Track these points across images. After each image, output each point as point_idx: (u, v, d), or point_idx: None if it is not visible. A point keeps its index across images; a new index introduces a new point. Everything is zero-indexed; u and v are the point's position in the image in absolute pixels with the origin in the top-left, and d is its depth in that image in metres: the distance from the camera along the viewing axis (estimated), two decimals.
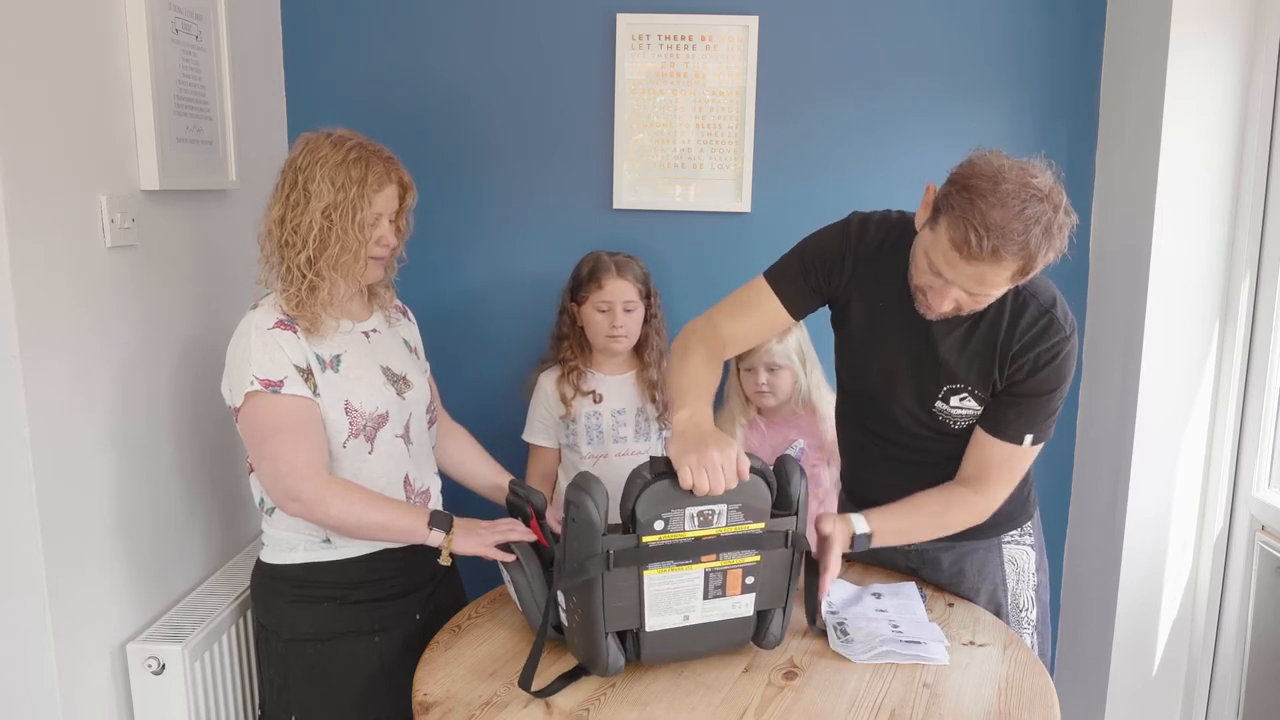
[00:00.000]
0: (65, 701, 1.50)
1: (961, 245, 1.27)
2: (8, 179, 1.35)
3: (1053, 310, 1.44)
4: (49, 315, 1.45)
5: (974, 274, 1.30)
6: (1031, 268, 1.29)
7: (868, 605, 1.57)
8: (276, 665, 1.59)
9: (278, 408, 1.44)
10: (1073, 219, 1.30)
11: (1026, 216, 1.25)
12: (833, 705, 1.30)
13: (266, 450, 1.45)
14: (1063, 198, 1.30)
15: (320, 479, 1.45)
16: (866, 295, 1.54)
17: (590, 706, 1.29)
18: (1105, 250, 2.25)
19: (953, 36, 2.23)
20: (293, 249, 1.48)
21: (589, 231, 2.31)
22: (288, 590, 1.57)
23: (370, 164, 1.49)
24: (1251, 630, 2.00)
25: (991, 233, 1.25)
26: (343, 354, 1.54)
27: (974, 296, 1.36)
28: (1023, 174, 1.28)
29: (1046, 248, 1.27)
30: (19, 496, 1.42)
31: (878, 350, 1.56)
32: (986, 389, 1.50)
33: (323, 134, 1.52)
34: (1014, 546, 1.65)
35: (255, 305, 1.52)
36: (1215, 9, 1.93)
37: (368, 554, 1.57)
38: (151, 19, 1.64)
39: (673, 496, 1.28)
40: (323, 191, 1.47)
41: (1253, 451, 2.02)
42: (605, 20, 2.25)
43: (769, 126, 2.28)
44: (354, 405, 1.52)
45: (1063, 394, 1.49)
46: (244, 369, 1.45)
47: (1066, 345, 1.45)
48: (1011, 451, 1.50)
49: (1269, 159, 1.96)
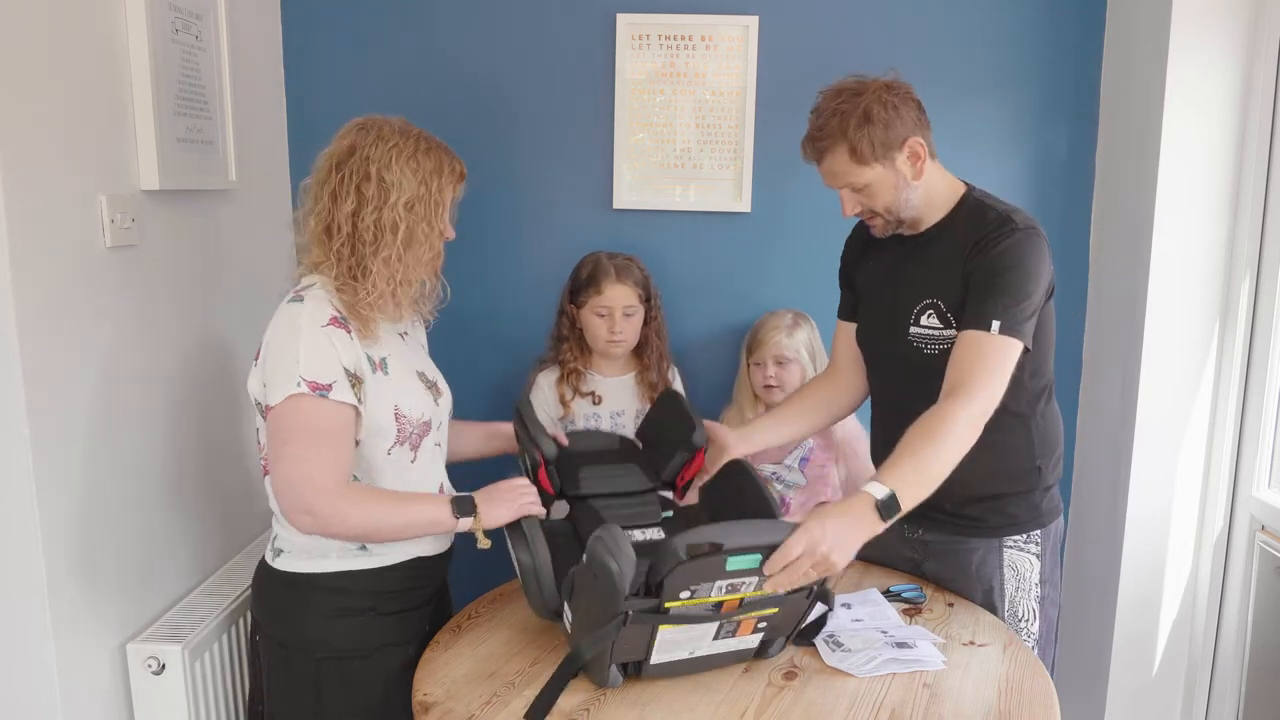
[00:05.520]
0: (65, 701, 1.50)
1: (804, 155, 1.56)
2: (8, 179, 1.35)
3: (1012, 214, 1.54)
4: (49, 315, 1.45)
5: (825, 171, 1.55)
6: (860, 148, 1.48)
7: (843, 618, 1.54)
8: (302, 684, 1.45)
9: (320, 413, 1.34)
10: (905, 94, 1.51)
11: (833, 111, 1.49)
12: (833, 705, 1.30)
13: (289, 452, 1.33)
14: (886, 86, 1.50)
15: (335, 491, 1.35)
16: (867, 259, 1.73)
17: (590, 707, 1.29)
18: (1105, 250, 2.25)
19: (953, 36, 2.23)
20: (374, 245, 1.39)
21: (589, 231, 2.31)
22: (319, 602, 1.44)
23: (440, 154, 1.43)
24: (1251, 630, 2.00)
25: (810, 136, 1.54)
26: (388, 356, 1.45)
27: (857, 192, 1.54)
28: (838, 84, 1.53)
29: (865, 126, 1.47)
30: (19, 496, 1.42)
31: (872, 299, 1.71)
32: (950, 301, 1.53)
33: (381, 120, 1.43)
34: (1015, 551, 1.64)
35: (298, 296, 1.40)
36: (1215, 9, 1.93)
37: (405, 560, 1.48)
38: (151, 19, 1.64)
39: (706, 570, 1.22)
40: (404, 184, 1.38)
41: (1253, 451, 2.02)
42: (605, 20, 2.25)
43: (769, 126, 2.28)
44: (402, 411, 1.43)
45: (1022, 285, 1.47)
46: (289, 367, 1.34)
47: (1019, 233, 1.50)
48: (980, 340, 1.45)
49: (1269, 159, 1.96)
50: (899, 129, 1.49)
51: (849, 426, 2.12)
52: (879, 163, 1.50)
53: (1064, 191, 2.28)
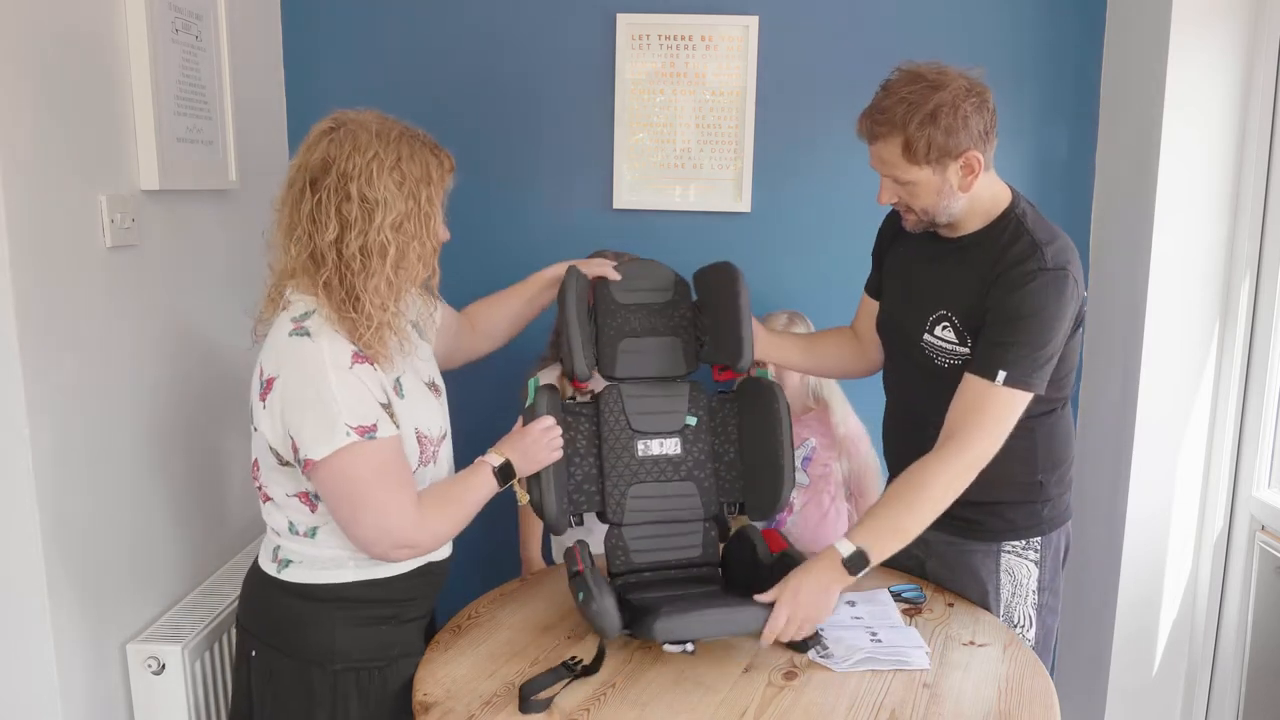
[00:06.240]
0: (65, 701, 1.50)
1: (858, 130, 1.49)
2: (8, 179, 1.35)
3: (1044, 246, 1.47)
4: (49, 315, 1.45)
5: (874, 154, 1.49)
6: (915, 146, 1.41)
7: (843, 614, 1.55)
8: (311, 698, 1.38)
9: (379, 455, 1.27)
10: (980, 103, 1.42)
11: (901, 98, 1.41)
12: (833, 705, 1.30)
13: (370, 504, 1.27)
14: (967, 89, 1.41)
15: (420, 517, 1.32)
16: (897, 245, 1.70)
17: (590, 707, 1.29)
18: (1105, 250, 2.25)
19: (953, 36, 2.23)
20: (362, 274, 1.26)
21: (589, 231, 2.31)
22: (337, 613, 1.37)
23: (425, 155, 1.31)
24: (1251, 630, 2.00)
25: (870, 113, 1.45)
26: (402, 376, 1.37)
27: (899, 185, 1.48)
28: (920, 68, 1.44)
29: (929, 127, 1.40)
30: (19, 496, 1.42)
31: (895, 288, 1.68)
32: (966, 319, 1.51)
33: (354, 120, 1.29)
34: (1013, 557, 1.63)
35: (302, 329, 1.27)
36: (1215, 9, 1.93)
37: (420, 566, 1.43)
38: (151, 19, 1.64)
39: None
40: (389, 201, 1.26)
41: (1253, 451, 2.02)
42: (605, 20, 2.25)
43: (769, 126, 2.28)
44: (423, 431, 1.38)
45: (1039, 334, 1.44)
46: (330, 418, 1.24)
47: (1045, 275, 1.44)
48: (984, 390, 1.44)
49: (1269, 159, 1.96)
50: (962, 139, 1.42)
51: (850, 425, 2.12)
52: (930, 166, 1.43)
53: (1064, 191, 2.28)
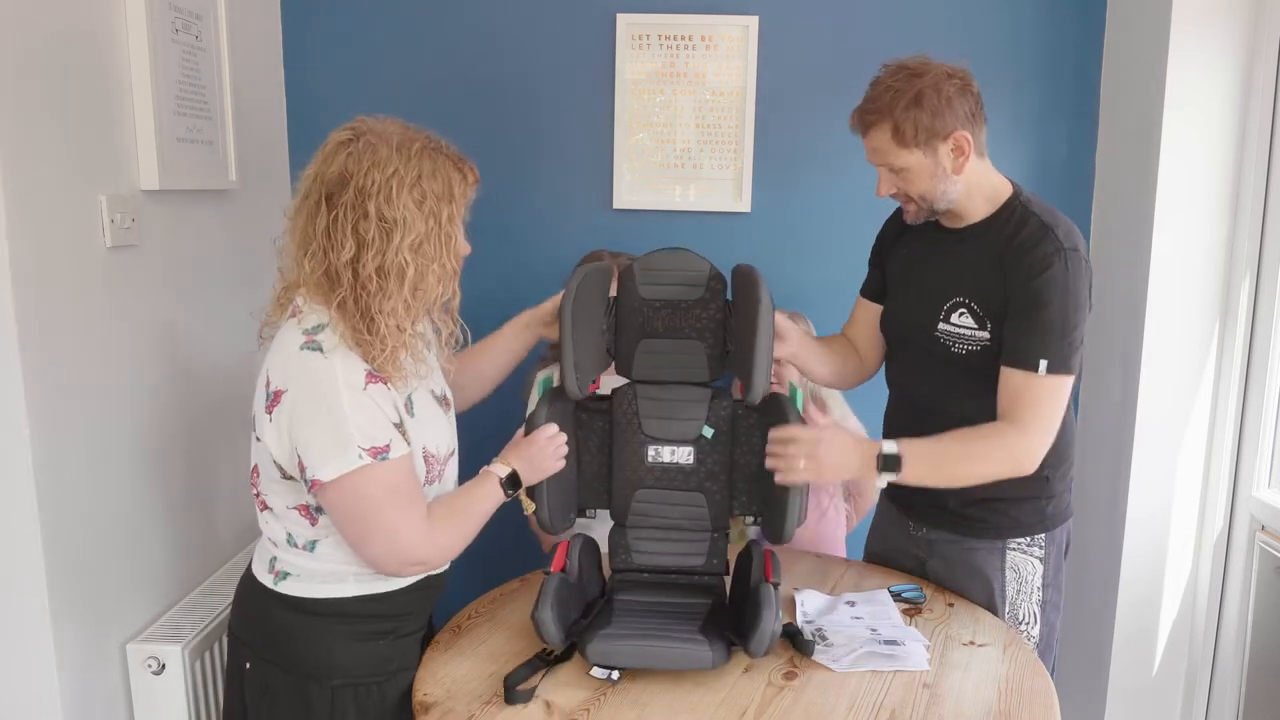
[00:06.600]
0: (65, 701, 1.50)
1: (851, 125, 1.55)
2: (8, 179, 1.35)
3: (1053, 227, 1.50)
4: (49, 315, 1.45)
5: (867, 146, 1.54)
6: (903, 129, 1.46)
7: (843, 614, 1.55)
8: (307, 713, 1.35)
9: (392, 475, 1.25)
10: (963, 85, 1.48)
11: (887, 86, 1.48)
12: (833, 705, 1.30)
13: (382, 524, 1.26)
14: (948, 74, 1.47)
15: (430, 534, 1.31)
16: (901, 244, 1.71)
17: (590, 707, 1.29)
18: (1105, 250, 2.24)
19: (953, 36, 2.23)
20: (379, 295, 1.23)
21: (589, 231, 2.31)
22: (336, 628, 1.35)
23: (448, 170, 1.26)
24: (1251, 630, 2.00)
25: (860, 106, 1.52)
26: (413, 393, 1.34)
27: (894, 174, 1.53)
28: (904, 60, 1.50)
29: (914, 109, 1.45)
30: (19, 496, 1.42)
31: (901, 285, 1.70)
32: (985, 304, 1.52)
33: (374, 130, 1.25)
34: (1018, 554, 1.63)
35: (313, 343, 1.24)
36: (1215, 9, 1.93)
37: (420, 580, 1.41)
38: (151, 19, 1.64)
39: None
40: (409, 221, 1.22)
41: (1253, 451, 2.02)
42: (605, 20, 2.25)
43: (769, 126, 2.28)
44: (430, 450, 1.35)
45: (1068, 316, 1.46)
46: (342, 439, 1.22)
47: (1060, 257, 1.46)
48: (1029, 380, 1.47)
49: (1269, 159, 1.96)
50: (948, 119, 1.47)
51: (849, 425, 2.12)
52: (920, 148, 1.48)
53: (1064, 191, 2.28)
